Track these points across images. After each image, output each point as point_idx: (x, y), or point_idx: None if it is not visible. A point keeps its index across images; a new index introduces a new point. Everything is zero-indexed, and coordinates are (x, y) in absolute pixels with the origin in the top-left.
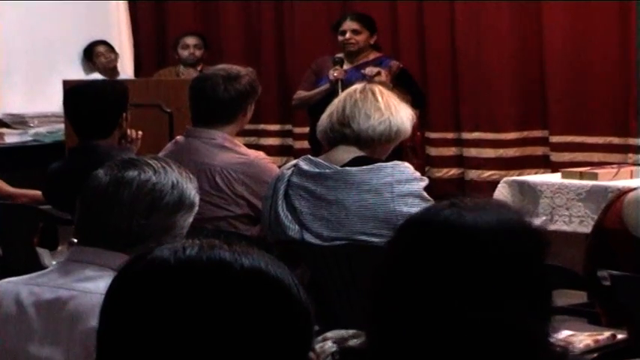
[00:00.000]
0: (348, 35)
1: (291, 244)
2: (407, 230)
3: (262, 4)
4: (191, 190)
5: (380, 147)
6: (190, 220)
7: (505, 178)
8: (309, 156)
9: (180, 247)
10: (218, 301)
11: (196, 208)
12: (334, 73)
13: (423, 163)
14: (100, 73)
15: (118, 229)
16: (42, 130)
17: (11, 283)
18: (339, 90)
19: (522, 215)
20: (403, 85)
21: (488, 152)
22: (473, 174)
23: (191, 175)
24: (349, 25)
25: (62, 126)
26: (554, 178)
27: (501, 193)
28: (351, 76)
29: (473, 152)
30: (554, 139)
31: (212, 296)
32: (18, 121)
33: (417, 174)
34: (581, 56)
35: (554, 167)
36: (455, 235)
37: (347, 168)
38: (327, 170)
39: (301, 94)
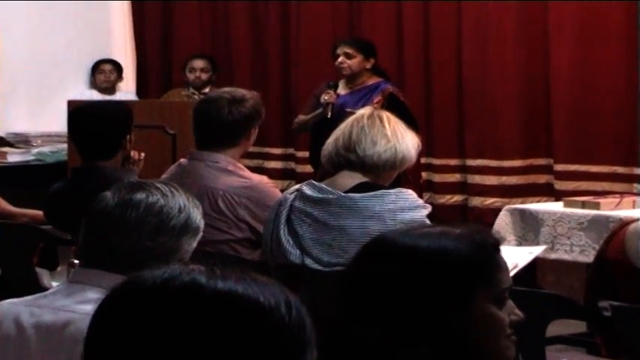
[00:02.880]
0: (340, 59)
1: (292, 268)
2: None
3: (270, 27)
4: (197, 215)
5: (384, 173)
6: (194, 244)
7: (507, 206)
8: (313, 181)
9: (160, 272)
10: (187, 325)
11: (201, 234)
12: (325, 97)
13: (417, 189)
14: (99, 90)
15: (122, 250)
16: (45, 149)
17: (12, 304)
18: (329, 113)
19: (469, 246)
20: (392, 111)
21: (491, 179)
22: (476, 201)
23: (197, 202)
24: (342, 48)
25: (65, 146)
26: (556, 206)
27: (503, 220)
28: (346, 100)
29: (476, 179)
30: (559, 167)
31: (184, 318)
32: (21, 140)
33: (420, 201)
34: (587, 85)
35: (558, 196)
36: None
37: (350, 194)
38: (331, 196)
39: (300, 117)
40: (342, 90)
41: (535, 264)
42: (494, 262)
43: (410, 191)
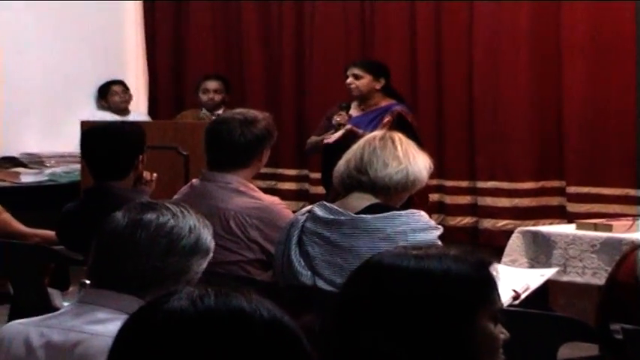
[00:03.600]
0: (349, 80)
1: (303, 289)
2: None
3: (283, 48)
4: (207, 235)
5: (396, 195)
6: (204, 265)
7: (519, 228)
8: (324, 202)
9: (195, 295)
10: (240, 353)
11: (211, 254)
12: (337, 118)
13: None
14: (112, 112)
15: (132, 271)
16: (58, 170)
17: (22, 324)
18: (340, 135)
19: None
20: (399, 130)
21: (503, 202)
22: (487, 223)
23: (207, 222)
24: (351, 70)
25: (78, 166)
26: (569, 228)
27: (515, 243)
28: (358, 121)
29: (488, 201)
30: (571, 189)
31: (234, 348)
32: (34, 161)
33: (432, 223)
34: (599, 108)
35: (571, 218)
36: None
37: (362, 215)
38: (342, 217)
39: (312, 139)
40: (354, 111)
41: (547, 286)
42: (492, 281)
43: (421, 213)
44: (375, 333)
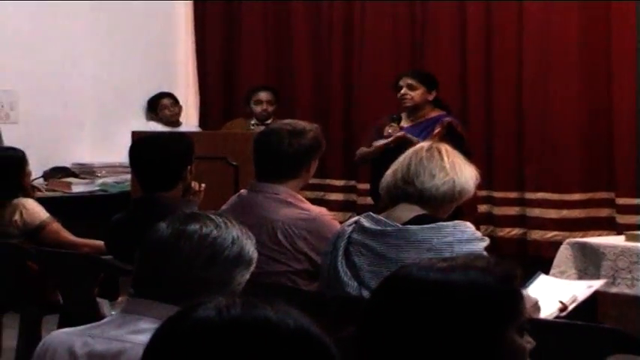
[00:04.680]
0: (403, 91)
1: (349, 300)
2: (380, 286)
3: (333, 59)
4: (250, 246)
5: (442, 206)
6: (247, 276)
7: (568, 240)
8: (371, 213)
9: (223, 305)
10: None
11: (254, 266)
12: (389, 130)
13: (472, 220)
14: (163, 124)
15: (175, 281)
16: (109, 180)
17: (65, 333)
18: (392, 145)
19: (495, 279)
20: (450, 141)
21: (551, 213)
22: (536, 234)
23: (250, 234)
24: (405, 80)
25: (129, 176)
26: (618, 240)
27: (564, 254)
28: (409, 133)
29: (536, 212)
30: (620, 200)
31: (259, 357)
32: (86, 171)
33: (478, 234)
34: None
35: (620, 229)
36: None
37: (408, 226)
38: (389, 228)
39: (362, 150)
40: (404, 122)
41: (596, 298)
42: (518, 293)
43: (468, 224)
44: (400, 345)
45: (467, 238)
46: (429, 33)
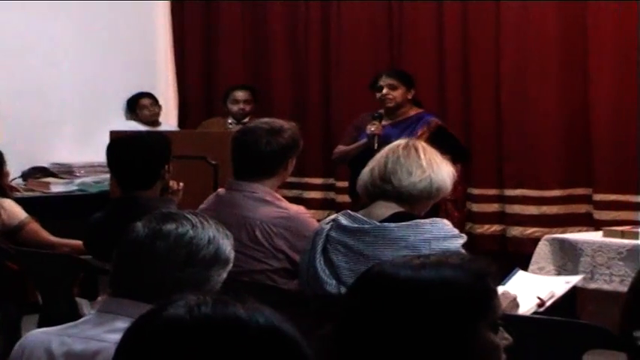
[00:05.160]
0: (385, 91)
1: (328, 298)
2: (354, 284)
3: (310, 58)
4: (227, 246)
5: (420, 204)
6: (224, 275)
7: (546, 236)
8: (349, 211)
9: (193, 303)
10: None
11: (231, 265)
12: (372, 128)
13: (463, 218)
14: (142, 124)
15: (152, 281)
16: (88, 179)
17: (43, 333)
18: (375, 145)
19: (468, 276)
20: (441, 142)
21: (531, 209)
22: (515, 231)
23: (227, 232)
24: (385, 80)
25: (108, 176)
26: (596, 236)
27: (542, 250)
28: (389, 132)
29: (516, 209)
30: (598, 197)
31: (230, 355)
32: (65, 171)
33: (456, 231)
34: (627, 115)
35: (598, 225)
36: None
37: (385, 224)
38: (366, 225)
39: (341, 148)
40: (384, 121)
41: (575, 294)
42: (491, 290)
43: (445, 221)
44: (374, 342)
45: (444, 235)
46: (406, 32)
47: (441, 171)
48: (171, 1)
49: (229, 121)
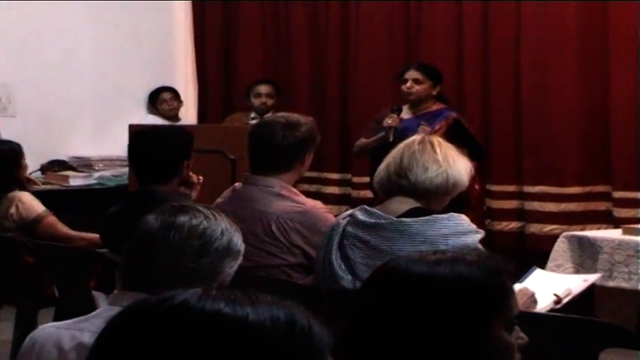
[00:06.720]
0: (409, 84)
1: (344, 293)
2: (369, 279)
3: (329, 53)
4: (238, 239)
5: (436, 199)
6: (235, 268)
7: (565, 233)
8: (365, 206)
9: (204, 294)
10: (174, 346)
11: (241, 258)
12: (388, 121)
13: (479, 217)
14: (162, 118)
15: (165, 273)
16: (106, 173)
17: (54, 327)
18: (390, 137)
19: (483, 273)
20: (457, 137)
21: (550, 206)
22: (534, 227)
23: (237, 227)
24: (411, 74)
25: (127, 169)
26: (615, 234)
27: (560, 247)
28: (410, 124)
29: (535, 206)
30: (618, 194)
31: (168, 341)
32: (84, 164)
33: (473, 226)
34: None
35: (617, 223)
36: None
37: (402, 219)
38: (383, 221)
39: (361, 141)
40: (405, 114)
41: (593, 292)
42: (507, 288)
43: (462, 216)
44: (387, 338)
45: (461, 230)
46: (425, 27)
47: (457, 166)
48: None
49: (252, 115)
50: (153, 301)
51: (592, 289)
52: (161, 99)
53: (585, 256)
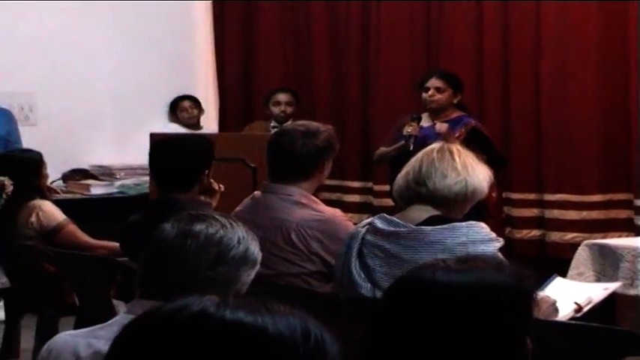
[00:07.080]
0: (430, 92)
1: (363, 301)
2: (392, 287)
3: (350, 61)
4: (255, 247)
5: (456, 207)
6: (252, 276)
7: (586, 241)
8: (385, 214)
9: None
10: (193, 355)
11: (258, 266)
12: (408, 129)
13: (498, 224)
14: (183, 126)
15: (182, 281)
16: (128, 182)
17: (70, 335)
18: (411, 146)
19: (511, 279)
20: (476, 144)
21: (571, 214)
22: (555, 236)
23: (254, 235)
24: (433, 82)
25: (148, 178)
26: (636, 242)
27: (581, 255)
28: (429, 133)
29: (555, 214)
30: (639, 202)
31: (187, 350)
32: (105, 173)
33: (493, 234)
34: None
35: (639, 231)
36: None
37: (422, 227)
38: (402, 229)
39: (381, 149)
40: (424, 122)
41: (614, 300)
42: (529, 295)
43: (482, 224)
44: (408, 347)
45: (481, 238)
46: (445, 34)
47: (476, 173)
48: (212, 1)
49: (272, 124)
50: (168, 308)
51: (613, 297)
52: (181, 107)
53: (606, 264)
